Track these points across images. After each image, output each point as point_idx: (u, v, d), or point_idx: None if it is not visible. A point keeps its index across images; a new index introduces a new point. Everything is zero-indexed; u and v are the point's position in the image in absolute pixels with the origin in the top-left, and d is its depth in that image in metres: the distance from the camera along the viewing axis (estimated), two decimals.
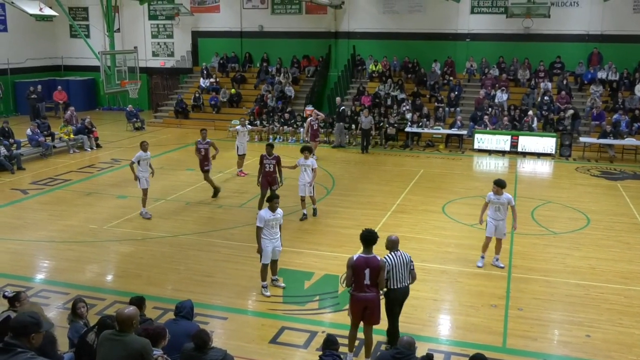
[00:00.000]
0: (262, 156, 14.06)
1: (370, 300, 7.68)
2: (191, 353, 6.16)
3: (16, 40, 30.23)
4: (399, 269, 7.93)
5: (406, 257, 8.05)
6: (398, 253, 8.01)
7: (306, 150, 13.91)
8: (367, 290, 7.63)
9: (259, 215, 9.85)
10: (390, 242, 8.11)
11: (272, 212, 9.81)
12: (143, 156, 14.00)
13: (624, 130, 21.84)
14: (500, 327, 9.03)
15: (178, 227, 13.56)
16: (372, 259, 7.63)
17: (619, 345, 8.54)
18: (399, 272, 7.93)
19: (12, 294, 6.91)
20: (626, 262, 11.61)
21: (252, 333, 8.83)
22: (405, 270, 8.00)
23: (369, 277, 7.59)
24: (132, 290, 9.85)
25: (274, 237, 9.95)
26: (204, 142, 15.68)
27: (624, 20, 25.00)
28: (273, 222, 9.87)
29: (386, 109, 24.81)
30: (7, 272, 10.95)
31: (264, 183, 14.05)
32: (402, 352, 6.35)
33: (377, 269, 7.62)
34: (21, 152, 19.82)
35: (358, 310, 7.77)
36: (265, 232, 9.82)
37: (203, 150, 15.65)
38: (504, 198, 10.92)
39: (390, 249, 8.05)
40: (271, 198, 10.00)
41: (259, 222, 9.78)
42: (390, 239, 8.13)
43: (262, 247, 9.84)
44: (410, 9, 27.64)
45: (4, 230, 13.34)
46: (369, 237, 7.71)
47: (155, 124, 28.08)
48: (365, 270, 7.58)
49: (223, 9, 30.55)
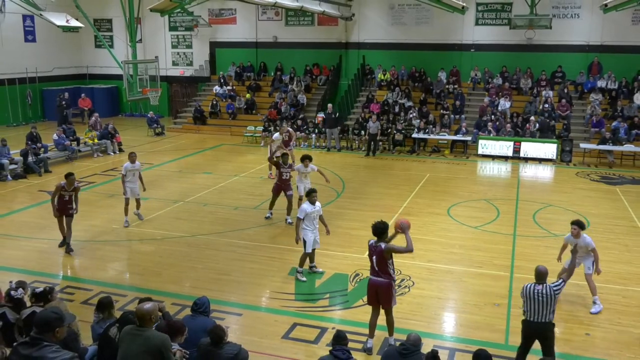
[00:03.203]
0: (277, 163, 13.89)
1: (379, 285, 8.00)
2: (207, 348, 6.17)
3: (44, 50, 30.48)
4: (539, 303, 7.07)
5: (549, 291, 7.09)
6: (539, 287, 7.11)
7: (307, 159, 13.63)
8: (376, 274, 7.99)
9: (301, 208, 10.35)
10: (538, 274, 7.23)
11: (313, 205, 10.28)
12: (129, 167, 13.40)
13: (622, 137, 21.71)
14: (503, 325, 8.99)
15: (196, 227, 13.59)
16: (377, 247, 7.95)
17: (617, 343, 8.47)
18: (538, 306, 7.08)
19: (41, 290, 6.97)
20: (625, 263, 11.51)
21: (266, 329, 8.82)
22: (546, 306, 7.07)
23: (376, 263, 7.95)
24: (152, 288, 9.92)
25: (315, 227, 10.36)
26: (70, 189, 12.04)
27: (623, 31, 24.84)
28: (314, 214, 10.31)
29: (394, 116, 24.79)
30: (35, 269, 11.03)
31: (276, 188, 13.88)
32: (408, 348, 6.33)
33: (381, 254, 7.89)
34: (48, 156, 19.96)
35: (370, 294, 8.15)
36: (307, 223, 10.27)
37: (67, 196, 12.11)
38: (582, 241, 9.44)
39: (537, 281, 7.19)
40: (310, 192, 10.49)
41: (300, 214, 10.27)
42: (538, 270, 7.25)
43: (301, 237, 10.27)
44: (417, 20, 27.63)
45: (32, 229, 13.45)
46: (376, 229, 8.04)
47: (174, 130, 28.19)
48: (373, 257, 7.98)
49: (239, 20, 30.67)
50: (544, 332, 7.17)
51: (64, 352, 4.58)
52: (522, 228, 13.70)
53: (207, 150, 23.38)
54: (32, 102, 29.85)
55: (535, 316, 7.10)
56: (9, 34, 28.17)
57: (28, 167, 18.75)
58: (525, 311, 7.22)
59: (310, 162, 13.69)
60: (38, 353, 4.50)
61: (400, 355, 6.31)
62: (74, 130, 22.46)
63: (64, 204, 11.89)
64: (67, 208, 11.93)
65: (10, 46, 28.31)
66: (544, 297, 7.05)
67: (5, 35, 27.86)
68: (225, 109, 28.19)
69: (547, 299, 7.05)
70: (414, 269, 10.97)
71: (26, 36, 29.60)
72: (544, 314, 7.08)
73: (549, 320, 7.13)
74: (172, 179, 18.37)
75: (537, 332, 7.17)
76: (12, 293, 6.72)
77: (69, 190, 11.87)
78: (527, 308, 7.17)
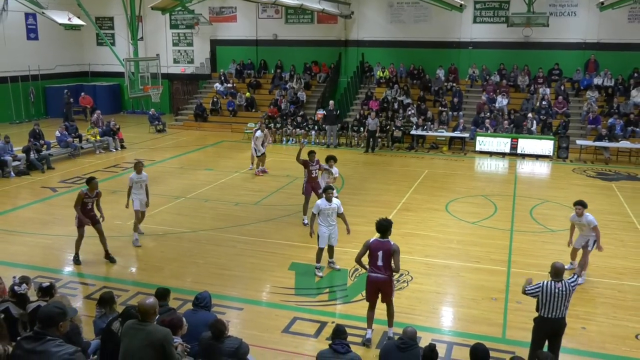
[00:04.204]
0: (305, 162, 13.29)
1: (382, 282, 8.03)
2: (209, 341, 6.19)
3: (46, 48, 30.45)
4: (557, 299, 7.00)
5: (568, 287, 7.04)
6: (559, 284, 7.02)
7: (331, 160, 13.36)
8: (379, 271, 7.97)
9: (316, 204, 10.41)
10: (555, 270, 7.14)
11: (328, 202, 10.30)
12: (135, 178, 12.11)
13: (618, 134, 21.72)
14: (500, 319, 9.00)
15: (197, 223, 13.60)
16: (386, 243, 7.99)
17: (612, 337, 8.49)
18: (555, 302, 7.00)
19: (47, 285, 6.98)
20: (620, 258, 11.53)
21: (266, 323, 8.83)
22: (562, 301, 7.02)
23: (382, 259, 7.94)
24: (154, 282, 9.91)
25: (330, 224, 10.37)
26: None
27: (619, 29, 24.82)
28: (329, 211, 10.32)
29: (393, 113, 24.78)
30: (38, 264, 11.04)
31: (307, 189, 13.39)
32: (407, 342, 6.34)
33: (390, 252, 7.92)
34: (51, 153, 19.96)
35: (371, 290, 8.14)
36: (322, 219, 10.31)
37: None
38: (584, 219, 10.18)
39: (553, 277, 7.11)
40: (326, 189, 10.59)
41: (314, 209, 10.36)
42: (556, 267, 7.16)
43: (315, 231, 10.34)
44: (416, 18, 27.60)
45: (35, 225, 13.45)
46: (380, 226, 8.09)
47: (175, 127, 28.17)
48: (379, 252, 7.95)
49: (240, 18, 30.62)
50: (560, 328, 7.14)
51: (68, 346, 4.59)
52: (519, 223, 13.71)
53: (208, 147, 23.38)
54: (35, 99, 29.81)
55: (553, 313, 7.04)
56: (11, 32, 28.12)
57: (31, 164, 18.73)
58: (540, 308, 7.11)
59: (334, 163, 13.43)
60: (42, 347, 4.50)
61: (399, 350, 6.32)
62: (76, 127, 22.44)
63: (88, 212, 10.92)
64: (92, 216, 11.01)
65: (13, 44, 28.26)
66: (563, 294, 7.01)
67: (8, 34, 27.80)
68: (225, 106, 28.18)
69: (565, 295, 7.03)
70: (412, 264, 10.98)
71: (29, 34, 29.56)
72: (561, 309, 7.05)
73: (563, 315, 7.12)
74: (173, 176, 18.37)
75: (553, 328, 7.13)
76: (16, 288, 6.73)
77: (92, 197, 10.95)
78: (543, 304, 7.06)
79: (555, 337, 7.20)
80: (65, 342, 4.64)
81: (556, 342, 7.21)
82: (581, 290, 9.85)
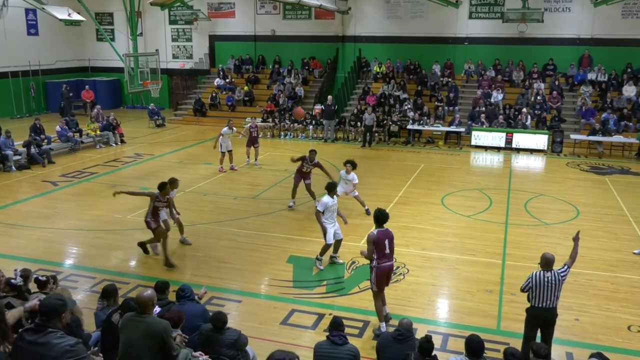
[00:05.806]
0: (302, 157, 13.94)
1: (391, 269, 8.40)
2: (209, 333, 6.20)
3: (47, 44, 30.30)
4: (547, 289, 7.02)
5: (557, 277, 7.06)
6: (548, 274, 7.04)
7: (349, 164, 13.23)
8: (388, 259, 8.14)
9: (322, 201, 10.29)
10: (545, 260, 7.15)
11: (333, 199, 10.31)
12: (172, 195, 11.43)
13: (612, 128, 21.71)
14: (495, 310, 9.02)
15: (196, 216, 13.57)
16: (387, 231, 8.16)
17: (605, 328, 8.52)
18: (545, 292, 7.03)
19: (44, 278, 6.95)
20: (613, 251, 11.55)
21: (265, 315, 8.84)
22: (552, 291, 7.04)
23: (389, 246, 8.10)
24: (154, 275, 9.91)
25: (334, 221, 10.40)
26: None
27: (613, 24, 24.77)
28: (334, 207, 10.34)
29: (389, 107, 24.74)
30: (39, 257, 11.01)
31: (297, 177, 14.09)
32: (403, 334, 6.36)
33: (392, 237, 8.18)
34: (51, 147, 19.89)
35: (382, 280, 8.20)
36: (327, 215, 10.28)
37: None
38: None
39: (544, 267, 7.13)
40: (331, 186, 10.44)
41: (320, 206, 10.23)
42: (546, 257, 7.17)
43: (324, 228, 10.25)
44: (412, 14, 27.51)
45: (36, 219, 13.42)
46: (383, 216, 8.20)
47: (175, 122, 28.11)
48: (385, 240, 8.06)
49: (238, 14, 30.51)
50: (551, 317, 7.16)
51: (69, 338, 4.59)
52: (514, 217, 13.72)
53: (207, 141, 23.27)
54: (35, 94, 29.71)
55: (543, 302, 7.07)
56: (12, 28, 27.95)
57: (32, 158, 18.68)
58: (531, 298, 7.16)
59: (352, 169, 13.18)
60: (43, 339, 4.51)
61: (396, 341, 6.34)
62: (76, 122, 22.36)
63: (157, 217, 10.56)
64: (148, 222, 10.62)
65: (13, 40, 28.13)
66: (552, 284, 7.04)
67: (8, 29, 27.64)
68: (224, 101, 28.11)
69: (555, 285, 7.05)
70: (409, 256, 11.00)
71: (29, 30, 29.39)
72: (551, 299, 7.08)
73: (554, 305, 7.14)
74: (173, 170, 18.27)
75: (544, 317, 7.15)
76: (12, 281, 6.65)
77: (162, 201, 10.65)
78: (534, 295, 7.11)
79: (548, 328, 7.22)
80: (66, 334, 4.65)
81: (548, 333, 7.22)
82: (574, 282, 9.88)
